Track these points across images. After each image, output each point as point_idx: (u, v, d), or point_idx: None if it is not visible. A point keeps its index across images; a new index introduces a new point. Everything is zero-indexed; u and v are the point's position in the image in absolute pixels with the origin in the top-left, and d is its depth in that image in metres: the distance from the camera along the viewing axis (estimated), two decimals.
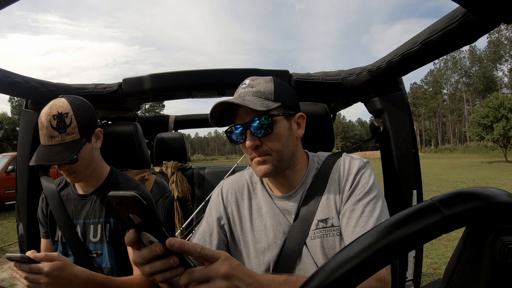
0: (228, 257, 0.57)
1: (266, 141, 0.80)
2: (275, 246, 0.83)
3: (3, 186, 8.05)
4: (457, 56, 60.32)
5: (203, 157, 73.89)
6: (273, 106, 0.78)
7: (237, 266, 0.57)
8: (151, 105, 49.92)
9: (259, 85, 0.81)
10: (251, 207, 0.89)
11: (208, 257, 0.55)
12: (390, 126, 1.21)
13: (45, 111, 1.00)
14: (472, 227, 0.33)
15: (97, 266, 1.08)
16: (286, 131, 0.82)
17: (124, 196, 0.49)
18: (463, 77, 62.25)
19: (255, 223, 0.87)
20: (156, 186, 1.35)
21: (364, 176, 0.83)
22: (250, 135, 0.79)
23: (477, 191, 0.32)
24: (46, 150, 0.98)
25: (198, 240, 0.88)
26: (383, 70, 1.06)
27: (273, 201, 0.88)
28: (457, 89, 64.42)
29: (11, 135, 36.77)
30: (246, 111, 0.79)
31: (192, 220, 1.72)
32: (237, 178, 0.96)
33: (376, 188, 0.82)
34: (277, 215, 0.85)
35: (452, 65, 62.50)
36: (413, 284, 1.29)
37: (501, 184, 9.55)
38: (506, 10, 0.60)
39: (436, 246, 4.32)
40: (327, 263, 0.34)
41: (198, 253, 0.54)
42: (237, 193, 0.92)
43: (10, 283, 3.55)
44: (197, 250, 0.54)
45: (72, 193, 1.14)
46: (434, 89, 66.11)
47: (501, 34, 52.93)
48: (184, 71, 1.34)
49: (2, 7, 0.51)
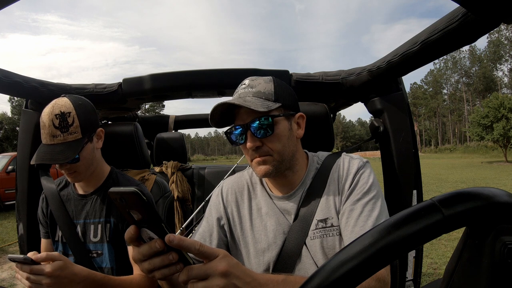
0: (226, 255, 0.57)
1: (266, 142, 0.80)
2: (274, 246, 0.83)
3: (3, 186, 8.04)
4: (457, 56, 60.33)
5: (203, 157, 73.89)
6: (274, 106, 0.78)
7: (236, 265, 0.57)
8: (151, 105, 49.90)
9: (259, 85, 0.81)
10: (251, 207, 0.89)
11: (206, 254, 0.55)
12: (390, 126, 1.21)
13: (47, 110, 0.99)
14: (472, 227, 0.33)
15: (97, 266, 1.08)
16: (287, 132, 0.82)
17: (124, 192, 0.50)
18: (463, 77, 62.24)
19: (255, 223, 0.87)
20: (156, 186, 1.35)
21: (363, 176, 0.83)
22: (250, 136, 0.79)
23: (477, 191, 0.32)
24: (48, 149, 0.98)
25: (198, 240, 0.88)
26: (383, 70, 1.06)
27: (273, 201, 0.88)
28: (457, 89, 64.41)
29: (11, 135, 36.77)
30: (247, 112, 0.79)
31: (192, 220, 1.72)
32: (237, 179, 0.96)
33: (376, 188, 0.81)
34: (277, 215, 0.85)
35: (452, 65, 62.49)
36: (413, 284, 1.29)
37: (501, 184, 9.55)
38: (506, 10, 0.60)
39: (436, 246, 4.32)
40: (327, 263, 0.34)
41: (197, 250, 0.54)
42: (237, 193, 0.92)
43: (10, 283, 3.55)
44: (196, 247, 0.54)
45: (72, 193, 1.14)
46: (434, 89, 66.10)
47: (501, 34, 52.95)
48: (184, 71, 1.33)
49: (2, 7, 0.51)
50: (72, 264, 0.83)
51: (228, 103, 0.77)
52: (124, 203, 0.52)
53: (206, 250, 0.55)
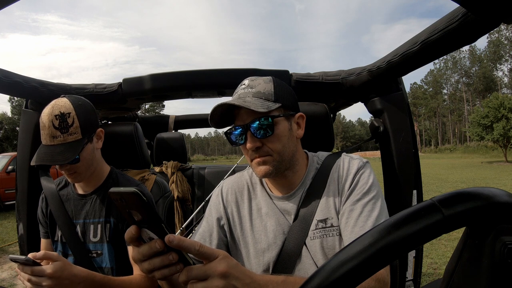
0: (226, 256, 0.57)
1: (266, 142, 0.79)
2: (274, 246, 0.83)
3: (3, 186, 8.03)
4: (457, 56, 60.32)
5: (203, 157, 73.88)
6: (274, 107, 0.78)
7: (235, 265, 0.57)
8: (151, 105, 49.89)
9: (259, 85, 0.81)
10: (251, 208, 0.89)
11: (206, 255, 0.55)
12: (390, 126, 1.21)
13: (47, 110, 0.99)
14: (472, 227, 0.33)
15: (97, 266, 1.08)
16: (287, 132, 0.82)
17: (124, 192, 0.50)
18: (463, 77, 62.23)
19: (255, 224, 0.87)
20: (156, 186, 1.35)
21: (363, 176, 0.83)
22: (250, 137, 0.79)
23: (477, 191, 0.32)
24: (48, 150, 0.98)
25: (198, 240, 0.88)
26: (383, 70, 1.06)
27: (273, 202, 0.88)
28: (457, 89, 64.40)
29: (11, 135, 36.74)
30: (247, 113, 0.79)
31: (192, 220, 1.72)
32: (237, 179, 0.96)
33: (376, 188, 0.81)
34: (276, 215, 0.85)
35: (452, 65, 62.48)
36: (413, 284, 1.29)
37: (501, 184, 9.55)
38: (506, 10, 0.60)
39: (436, 246, 4.32)
40: (327, 263, 0.33)
41: (197, 251, 0.54)
42: (237, 194, 0.92)
43: (10, 283, 3.55)
44: (196, 248, 0.54)
45: (72, 193, 1.14)
46: (434, 89, 66.09)
47: (501, 34, 52.95)
48: (184, 71, 1.33)
49: (2, 7, 0.51)
50: (71, 265, 0.83)
51: (227, 103, 0.77)
52: (124, 203, 0.52)
53: (205, 251, 0.55)
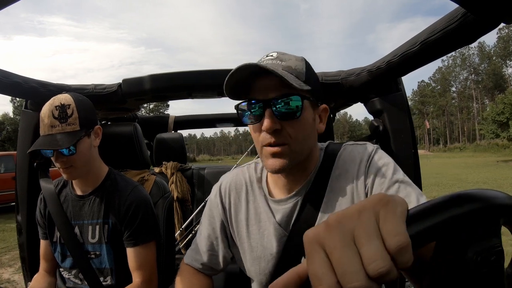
0: None
1: (287, 126, 0.66)
2: (271, 256, 0.78)
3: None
4: (466, 52, 59.40)
5: (209, 157, 73.73)
6: (305, 87, 0.65)
7: None
8: (156, 105, 49.93)
9: (290, 60, 0.68)
10: (248, 212, 0.83)
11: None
12: (390, 126, 1.19)
13: (47, 104, 1.01)
14: (441, 242, 0.31)
15: (95, 267, 1.08)
16: (311, 121, 0.70)
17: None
18: (472, 74, 61.22)
19: (251, 230, 0.82)
20: (156, 186, 1.35)
21: (381, 160, 0.72)
22: (270, 115, 0.65)
23: (437, 203, 0.30)
24: (45, 139, 0.99)
25: (206, 244, 0.86)
26: (383, 70, 1.05)
27: (272, 206, 0.81)
28: (466, 86, 63.39)
29: (13, 136, 37.09)
30: (274, 85, 0.65)
31: (192, 221, 1.72)
32: (236, 176, 0.88)
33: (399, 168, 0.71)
34: (275, 221, 0.79)
35: (461, 62, 61.52)
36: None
37: None
38: (506, 10, 0.59)
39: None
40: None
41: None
42: (235, 194, 0.86)
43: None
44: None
45: (70, 194, 1.14)
46: (442, 87, 65.17)
47: (511, 30, 51.88)
48: (184, 71, 1.33)
49: (3, 7, 0.51)
50: None
51: (253, 65, 0.62)
52: None
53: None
